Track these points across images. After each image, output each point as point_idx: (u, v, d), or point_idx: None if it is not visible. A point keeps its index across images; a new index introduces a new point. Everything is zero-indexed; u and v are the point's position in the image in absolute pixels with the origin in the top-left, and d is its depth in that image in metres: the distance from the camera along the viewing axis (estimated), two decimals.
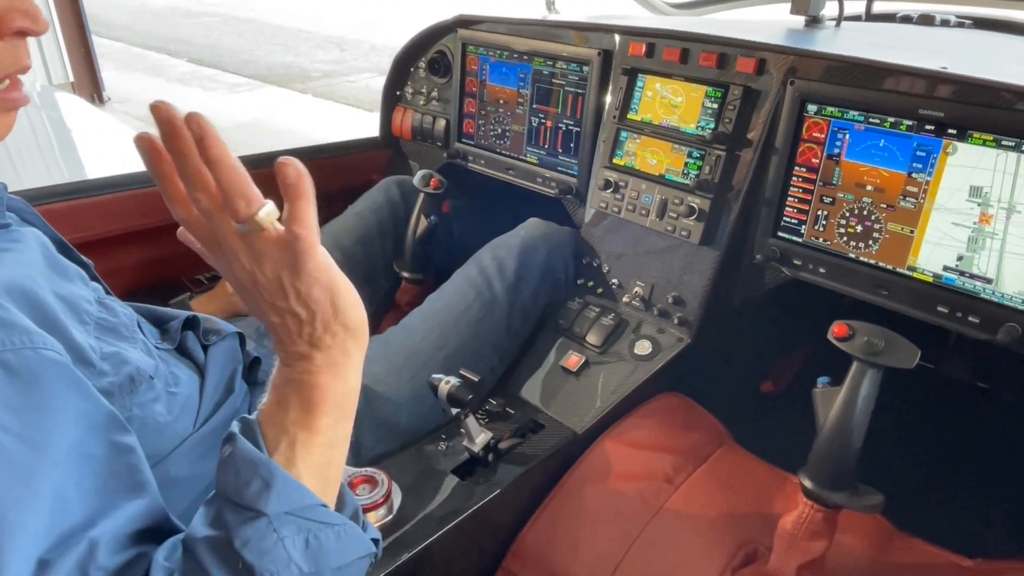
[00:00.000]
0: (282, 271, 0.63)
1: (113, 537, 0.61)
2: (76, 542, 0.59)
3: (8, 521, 0.56)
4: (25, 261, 0.73)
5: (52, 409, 0.62)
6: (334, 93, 8.31)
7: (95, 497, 0.62)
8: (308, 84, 8.73)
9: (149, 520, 0.65)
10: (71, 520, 0.60)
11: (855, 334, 0.97)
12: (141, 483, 0.66)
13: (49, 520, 0.59)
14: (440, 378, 1.11)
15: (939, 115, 1.05)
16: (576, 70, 1.53)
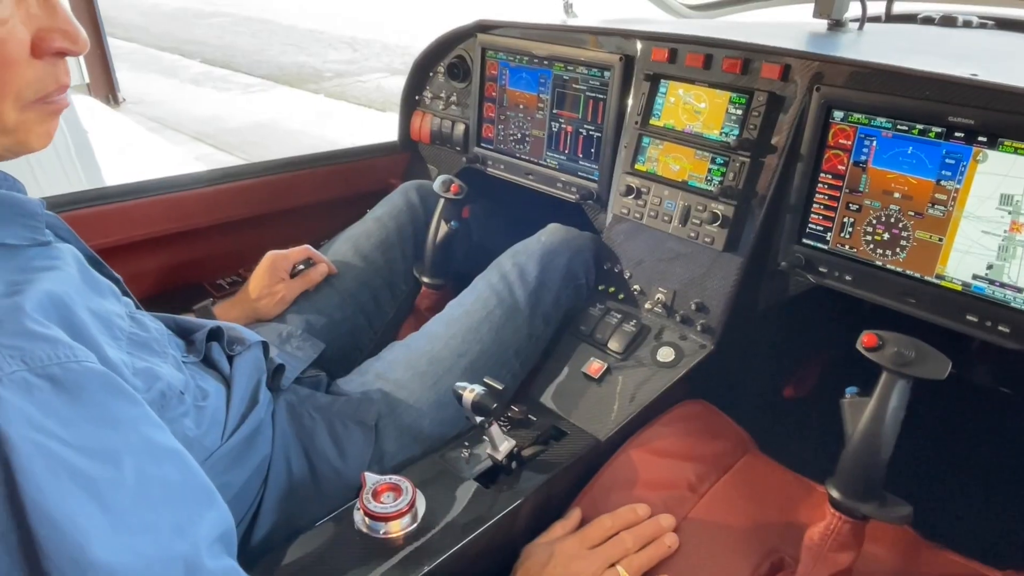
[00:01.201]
0: None
1: (206, 545, 0.64)
2: (172, 557, 0.62)
3: (95, 538, 0.58)
4: (63, 278, 0.74)
5: (108, 419, 0.64)
6: (346, 93, 8.34)
7: (175, 507, 0.65)
8: (321, 84, 8.78)
9: (225, 525, 0.68)
10: (162, 534, 0.63)
11: (885, 344, 0.96)
12: (209, 489, 0.69)
13: (140, 538, 0.61)
14: (464, 386, 1.11)
15: (970, 123, 1.04)
16: (597, 75, 1.52)
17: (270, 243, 1.52)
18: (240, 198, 1.75)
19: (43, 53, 0.67)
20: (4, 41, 0.63)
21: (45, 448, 0.58)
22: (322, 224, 1.84)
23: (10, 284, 0.67)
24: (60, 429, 0.59)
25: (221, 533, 0.71)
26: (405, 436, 1.22)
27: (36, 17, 0.66)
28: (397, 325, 1.64)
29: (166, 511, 0.65)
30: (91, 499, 0.59)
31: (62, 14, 0.68)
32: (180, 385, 0.91)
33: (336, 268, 1.53)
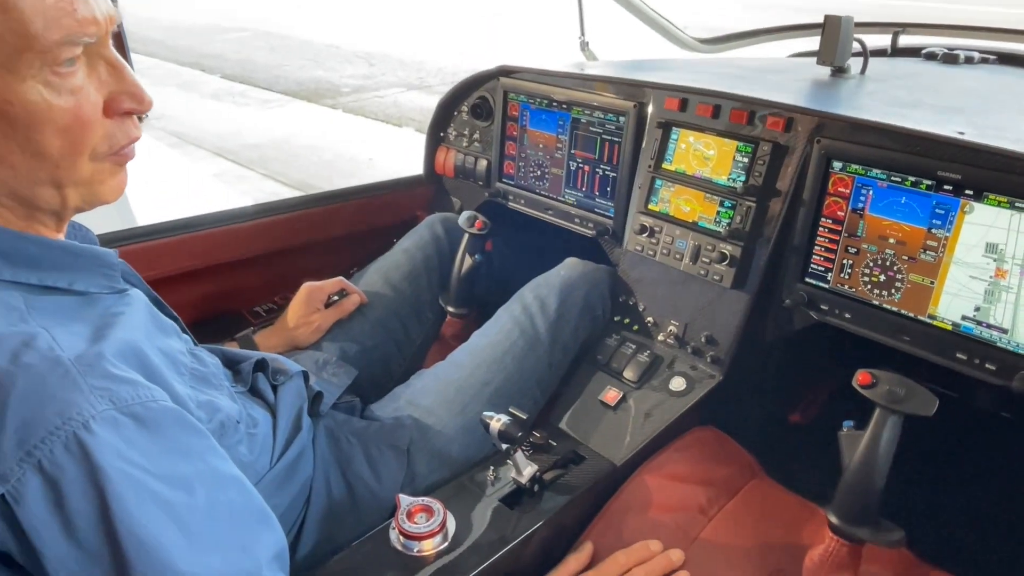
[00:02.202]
0: None
1: (266, 562, 0.74)
2: (239, 573, 0.72)
3: (176, 556, 0.68)
4: (136, 324, 0.84)
5: (181, 450, 0.74)
6: (364, 108, 8.46)
7: (240, 529, 0.74)
8: (338, 99, 8.91)
9: (280, 544, 0.78)
10: (230, 552, 0.73)
11: (878, 382, 1.06)
12: (266, 511, 0.78)
13: (213, 556, 0.71)
14: (492, 415, 1.20)
15: (957, 177, 1.13)
16: (613, 120, 1.63)
17: (304, 273, 1.63)
18: (275, 232, 1.86)
19: (114, 113, 0.78)
20: (80, 106, 0.73)
21: (132, 477, 0.68)
22: (353, 254, 1.94)
23: (95, 331, 0.77)
24: (143, 460, 0.69)
25: (277, 552, 0.81)
26: (435, 460, 1.31)
27: (107, 83, 0.77)
28: (424, 352, 1.74)
29: (232, 532, 0.75)
30: (171, 521, 0.69)
31: (129, 78, 0.78)
32: (235, 415, 1.01)
33: (367, 298, 1.63)
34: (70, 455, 0.65)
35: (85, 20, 0.71)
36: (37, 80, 0.70)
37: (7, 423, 0.64)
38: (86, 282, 0.82)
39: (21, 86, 0.69)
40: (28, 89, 0.69)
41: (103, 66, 0.76)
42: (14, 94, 0.69)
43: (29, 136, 0.71)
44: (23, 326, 0.70)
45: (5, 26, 0.67)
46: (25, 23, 0.67)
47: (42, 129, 0.71)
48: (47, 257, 0.78)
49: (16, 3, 0.67)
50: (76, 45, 0.72)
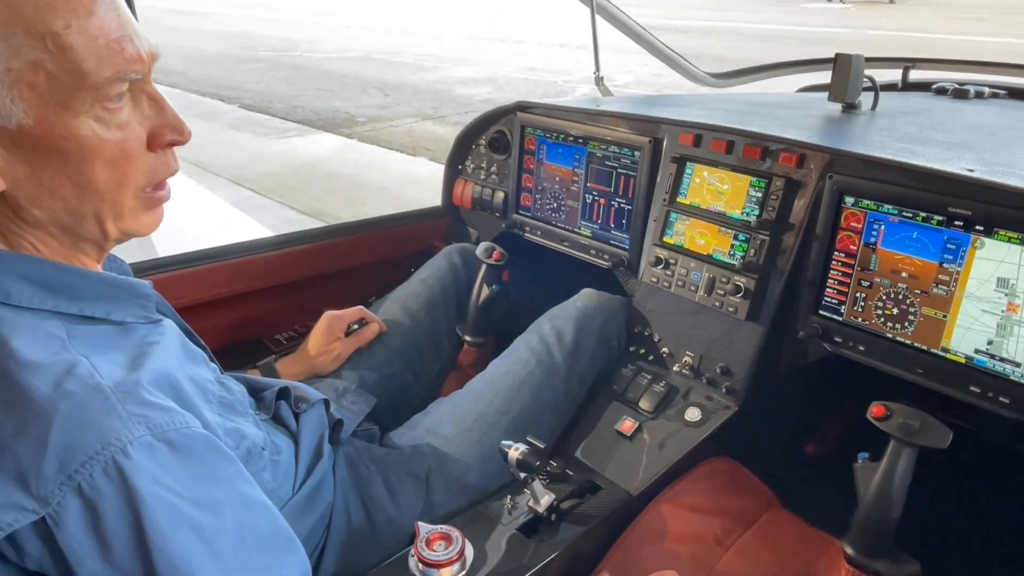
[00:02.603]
0: None
1: None
2: None
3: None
4: (169, 353, 0.87)
5: (212, 476, 0.77)
6: (378, 137, 8.59)
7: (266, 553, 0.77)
8: (354, 129, 9.04)
9: (303, 568, 0.80)
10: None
11: (892, 415, 1.07)
12: (291, 536, 0.81)
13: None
14: (510, 444, 1.22)
15: (967, 213, 1.15)
16: (628, 154, 1.66)
17: (324, 302, 1.66)
18: (296, 262, 1.90)
19: (156, 147, 0.82)
20: (126, 139, 0.77)
21: (166, 501, 0.70)
22: (372, 283, 1.98)
23: (132, 359, 0.81)
24: (177, 485, 0.72)
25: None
26: (453, 487, 1.33)
27: (149, 117, 0.80)
28: (441, 380, 1.77)
29: (258, 555, 0.78)
30: (202, 544, 0.72)
31: (170, 112, 0.82)
32: (260, 442, 1.04)
33: (386, 327, 1.66)
34: (108, 479, 0.68)
35: (132, 58, 0.75)
36: (89, 115, 0.73)
37: (49, 447, 0.67)
38: (123, 312, 0.85)
39: (74, 121, 0.73)
40: (80, 124, 0.73)
41: (146, 101, 0.80)
42: (67, 129, 0.73)
43: (80, 169, 0.75)
44: (65, 355, 0.74)
45: (61, 65, 0.70)
46: (79, 62, 0.71)
47: (92, 162, 0.75)
48: (87, 288, 0.82)
49: (72, 44, 0.70)
50: (124, 82, 0.76)
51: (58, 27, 0.70)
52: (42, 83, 0.70)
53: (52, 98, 0.71)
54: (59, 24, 0.70)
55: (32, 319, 0.75)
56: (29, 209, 0.76)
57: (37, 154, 0.73)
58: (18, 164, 0.73)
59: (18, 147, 0.72)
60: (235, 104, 10.65)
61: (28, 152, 0.73)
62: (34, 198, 0.75)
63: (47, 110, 0.71)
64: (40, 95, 0.71)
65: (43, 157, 0.73)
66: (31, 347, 0.72)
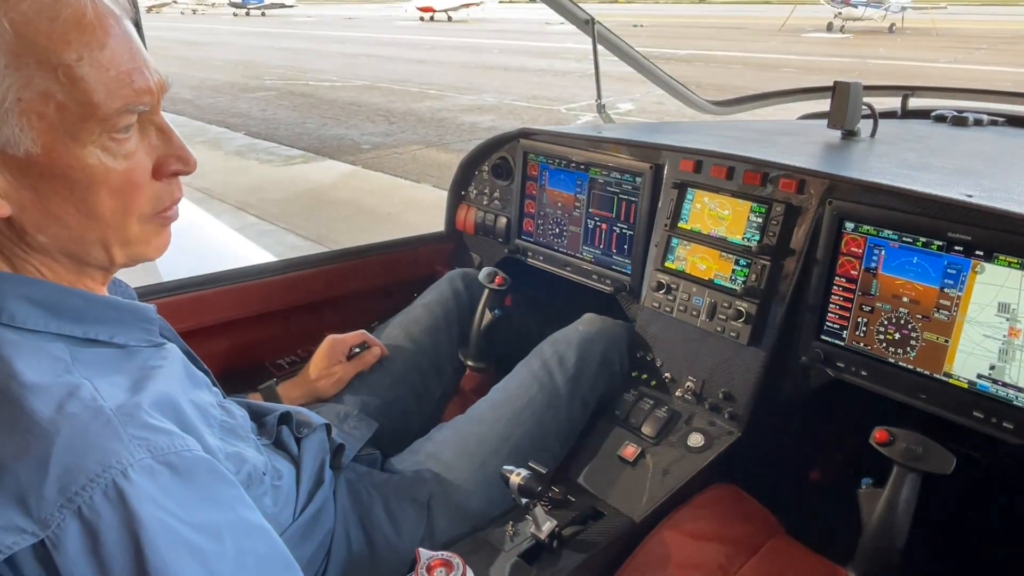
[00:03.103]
0: None
1: None
2: None
3: None
4: (171, 375, 0.88)
5: (212, 500, 0.76)
6: (383, 164, 8.67)
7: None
8: (358, 156, 9.13)
9: None
10: None
11: (895, 440, 1.07)
12: (291, 562, 0.80)
13: None
14: (511, 470, 1.22)
15: (967, 238, 1.16)
16: (630, 180, 1.68)
17: (327, 327, 1.66)
18: (299, 286, 1.91)
19: (161, 176, 0.83)
20: (132, 169, 0.78)
21: (167, 525, 0.70)
22: (374, 308, 1.99)
23: (134, 382, 0.81)
24: (177, 508, 0.72)
25: None
26: (455, 514, 1.32)
27: (156, 147, 0.81)
28: (443, 405, 1.76)
29: None
30: (201, 569, 0.71)
31: (177, 141, 0.83)
32: (261, 467, 1.04)
33: (389, 352, 1.66)
34: (108, 502, 0.67)
35: (141, 90, 0.76)
36: (96, 145, 0.74)
37: (50, 470, 0.67)
38: (127, 335, 0.86)
39: (82, 151, 0.74)
40: (88, 154, 0.74)
41: (153, 131, 0.81)
42: (75, 159, 0.74)
43: (85, 198, 0.76)
44: (68, 377, 0.74)
45: (71, 96, 0.71)
46: (89, 93, 0.72)
47: (98, 191, 0.76)
48: (91, 311, 0.82)
49: (83, 75, 0.72)
50: (132, 113, 0.77)
51: (70, 59, 0.71)
52: (52, 113, 0.71)
53: (61, 128, 0.72)
54: (71, 56, 0.71)
55: (36, 341, 0.76)
56: (34, 235, 0.77)
57: (44, 182, 0.74)
58: (25, 191, 0.74)
59: (25, 175, 0.73)
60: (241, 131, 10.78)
61: (35, 180, 0.73)
62: (40, 225, 0.76)
63: (55, 139, 0.72)
64: (49, 125, 0.72)
65: (50, 185, 0.74)
66: (34, 369, 0.72)
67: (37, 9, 0.70)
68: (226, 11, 57.94)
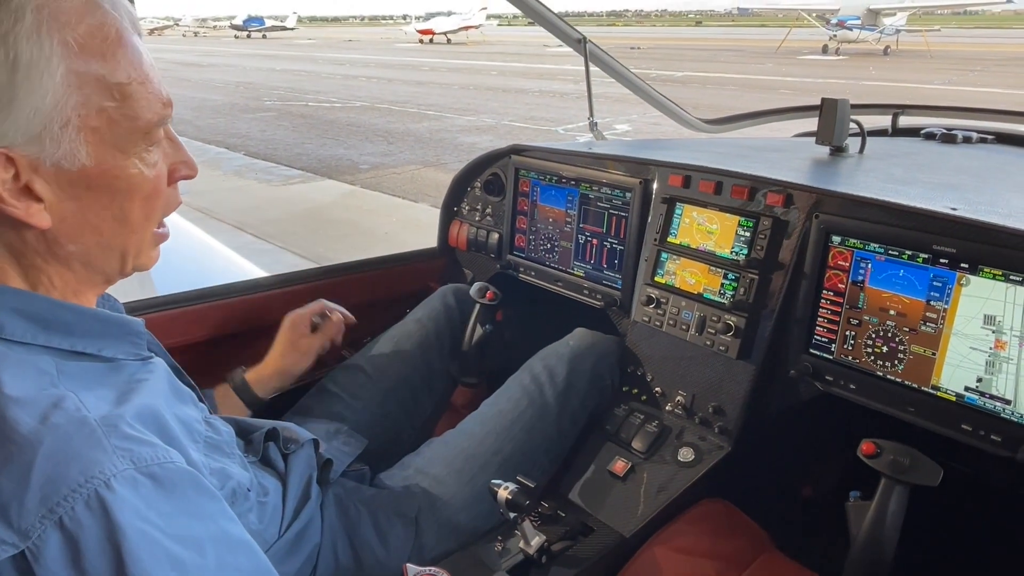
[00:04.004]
0: None
1: None
2: None
3: None
4: (156, 389, 0.88)
5: (194, 512, 0.76)
6: (381, 184, 8.71)
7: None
8: (357, 176, 9.18)
9: None
10: None
11: (882, 452, 1.06)
12: (274, 574, 0.80)
13: None
14: (499, 484, 1.21)
15: (952, 251, 1.17)
16: (620, 196, 1.69)
17: None
18: (291, 301, 1.90)
19: (172, 181, 0.89)
20: (159, 177, 0.84)
21: (148, 535, 0.69)
22: (366, 323, 1.98)
23: (119, 395, 0.81)
24: (159, 519, 0.71)
25: None
26: (443, 529, 1.31)
27: (168, 154, 0.87)
28: (434, 421, 1.76)
29: None
30: None
31: (183, 148, 0.89)
32: (247, 483, 1.03)
33: (379, 367, 1.65)
34: (90, 512, 0.67)
35: (167, 103, 0.83)
36: (136, 156, 0.81)
37: (32, 480, 0.66)
38: (114, 349, 0.86)
39: (126, 162, 0.80)
40: (130, 164, 0.80)
41: (166, 140, 0.86)
42: (121, 169, 0.80)
43: (123, 205, 0.82)
44: (53, 390, 0.74)
45: (122, 112, 0.78)
46: (136, 109, 0.79)
47: (134, 199, 0.82)
48: (80, 324, 0.83)
49: (132, 92, 0.78)
50: (162, 125, 0.83)
51: (122, 78, 0.77)
52: (105, 128, 0.77)
53: (111, 141, 0.78)
54: (123, 75, 0.77)
55: (23, 353, 0.76)
56: (65, 245, 0.80)
57: (90, 192, 0.79)
58: (68, 202, 0.78)
59: (73, 187, 0.77)
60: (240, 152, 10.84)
61: (81, 191, 0.78)
62: (74, 234, 0.80)
63: (106, 152, 0.78)
64: (102, 138, 0.77)
65: (94, 195, 0.79)
66: (20, 381, 0.72)
67: (91, 31, 0.75)
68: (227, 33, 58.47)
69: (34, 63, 0.72)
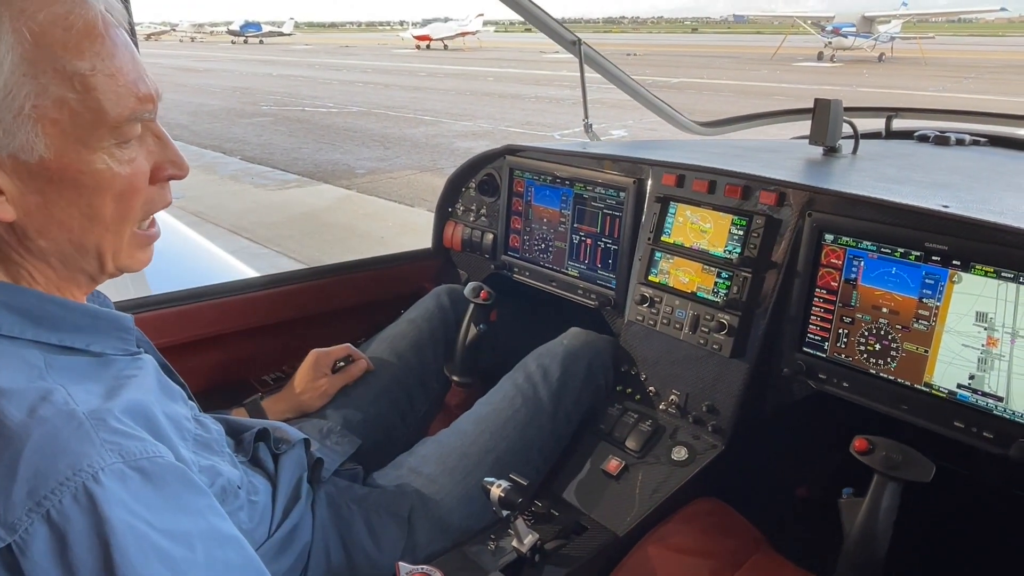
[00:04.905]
0: None
1: None
2: None
3: None
4: (145, 385, 0.87)
5: (183, 507, 0.75)
6: (377, 189, 8.71)
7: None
8: (353, 180, 9.18)
9: None
10: None
11: (875, 448, 1.06)
12: (263, 573, 0.79)
13: None
14: (492, 481, 1.20)
15: (944, 248, 1.17)
16: (614, 195, 1.69)
17: (312, 342, 1.66)
18: (285, 302, 1.91)
19: (157, 180, 0.85)
20: (135, 175, 0.81)
21: (136, 530, 0.69)
22: (361, 324, 1.98)
23: (107, 390, 0.80)
24: (147, 514, 0.71)
25: None
26: (436, 528, 1.30)
27: (153, 152, 0.84)
28: (428, 421, 1.75)
29: None
30: (171, 574, 0.70)
31: (171, 146, 0.86)
32: (236, 480, 1.03)
33: (374, 367, 1.65)
34: (78, 506, 0.66)
35: (144, 97, 0.80)
36: (104, 152, 0.78)
37: (19, 473, 0.66)
38: (103, 344, 0.86)
39: (91, 156, 0.77)
40: (97, 159, 0.77)
41: (151, 137, 0.84)
42: (85, 164, 0.77)
43: (91, 202, 0.79)
44: (41, 383, 0.73)
45: (84, 104, 0.75)
46: (101, 101, 0.75)
47: (103, 195, 0.79)
48: (68, 319, 0.82)
49: (95, 84, 0.75)
50: (139, 123, 0.80)
51: (84, 68, 0.74)
52: (65, 120, 0.74)
53: (73, 134, 0.75)
54: (85, 66, 0.74)
55: (11, 347, 0.76)
56: (35, 239, 0.78)
57: (52, 186, 0.76)
58: (31, 195, 0.76)
59: (35, 179, 0.75)
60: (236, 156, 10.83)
61: (43, 184, 0.76)
62: (42, 229, 0.78)
63: (67, 145, 0.75)
64: (62, 131, 0.74)
65: (57, 190, 0.76)
66: (8, 375, 0.72)
67: (52, 19, 0.73)
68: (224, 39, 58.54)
69: None
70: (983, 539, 1.63)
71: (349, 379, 1.60)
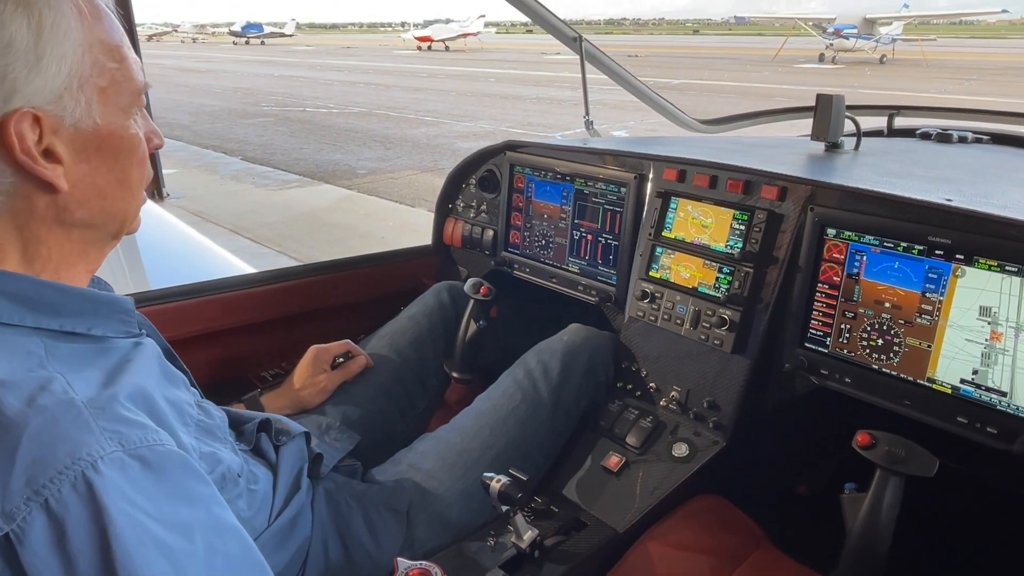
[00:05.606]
0: None
1: None
2: None
3: None
4: (147, 370, 0.87)
5: (184, 496, 0.75)
6: (379, 189, 8.70)
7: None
8: (354, 180, 9.17)
9: None
10: None
11: (877, 443, 1.05)
12: (263, 565, 0.79)
13: None
14: (491, 476, 1.20)
15: (947, 242, 1.16)
16: (614, 191, 1.68)
17: (312, 339, 1.65)
18: (285, 298, 1.90)
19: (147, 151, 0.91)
20: (146, 141, 0.88)
21: (135, 520, 0.68)
22: (360, 320, 1.97)
23: (108, 375, 0.80)
24: (147, 503, 0.70)
25: None
26: (435, 524, 1.30)
27: (143, 124, 0.89)
28: (427, 418, 1.74)
29: None
30: (169, 566, 0.69)
31: (151, 120, 0.92)
32: (237, 468, 1.02)
33: (373, 363, 1.64)
34: (77, 494, 0.65)
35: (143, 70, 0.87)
36: (132, 118, 0.85)
37: (18, 462, 0.65)
38: (104, 327, 0.85)
39: (126, 122, 0.84)
40: (130, 125, 0.84)
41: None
42: (124, 129, 0.83)
43: (125, 167, 0.85)
44: (41, 372, 0.73)
45: (123, 73, 0.82)
46: (132, 70, 0.83)
47: (131, 160, 0.86)
48: (68, 303, 0.82)
49: (125, 55, 0.83)
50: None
51: (117, 40, 0.82)
52: (111, 89, 0.81)
53: (116, 103, 0.82)
54: (118, 39, 0.82)
55: (11, 336, 0.75)
56: (75, 211, 0.81)
57: (98, 154, 0.81)
58: (81, 165, 0.80)
59: (86, 148, 0.80)
60: (238, 156, 10.83)
61: (92, 153, 0.80)
62: (83, 199, 0.81)
63: (112, 113, 0.81)
64: (109, 99, 0.81)
65: (101, 157, 0.82)
66: (7, 363, 0.71)
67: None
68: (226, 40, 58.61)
69: (56, 25, 0.75)
70: (985, 537, 1.62)
71: (348, 375, 1.60)
